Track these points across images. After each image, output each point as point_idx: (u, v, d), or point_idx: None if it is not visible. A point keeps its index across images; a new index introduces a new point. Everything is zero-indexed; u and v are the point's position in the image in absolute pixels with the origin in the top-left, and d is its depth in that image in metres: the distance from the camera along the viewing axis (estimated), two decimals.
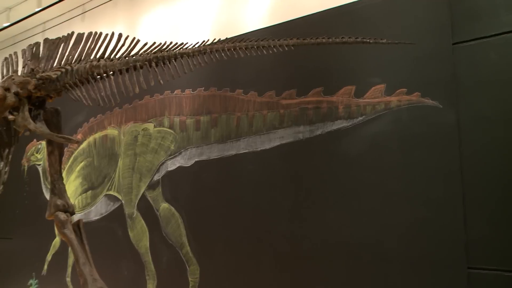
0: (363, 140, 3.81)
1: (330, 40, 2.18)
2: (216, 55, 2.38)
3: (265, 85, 4.49)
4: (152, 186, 5.38)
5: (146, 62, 2.50)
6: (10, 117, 2.89)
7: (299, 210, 4.11)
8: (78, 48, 2.81)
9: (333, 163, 3.95)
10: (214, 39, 2.50)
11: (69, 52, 2.86)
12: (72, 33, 2.92)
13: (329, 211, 3.92)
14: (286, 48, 2.30)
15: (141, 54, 2.55)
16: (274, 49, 2.32)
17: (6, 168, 3.65)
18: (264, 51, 2.33)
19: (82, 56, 2.78)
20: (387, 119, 3.71)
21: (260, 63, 4.54)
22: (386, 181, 3.64)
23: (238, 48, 2.33)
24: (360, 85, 3.89)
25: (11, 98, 2.86)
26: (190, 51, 2.43)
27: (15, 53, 3.41)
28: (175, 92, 5.29)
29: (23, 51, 3.16)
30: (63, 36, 2.96)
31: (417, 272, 3.42)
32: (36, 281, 7.00)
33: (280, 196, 4.26)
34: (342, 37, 2.15)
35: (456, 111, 3.39)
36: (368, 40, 2.11)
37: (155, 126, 5.47)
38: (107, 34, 2.74)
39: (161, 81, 2.50)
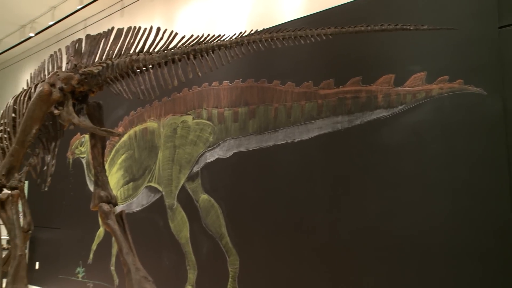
0: (403, 130, 3.73)
1: (369, 28, 2.14)
2: (254, 46, 2.38)
3: (303, 75, 4.46)
4: (191, 178, 5.46)
5: (184, 55, 2.52)
6: (56, 111, 2.98)
7: (338, 201, 4.07)
8: (118, 43, 2.87)
9: (372, 153, 3.89)
10: (251, 30, 2.49)
11: (109, 47, 2.92)
12: (112, 28, 2.98)
13: (368, 202, 3.87)
14: (324, 38, 2.27)
15: (179, 47, 2.57)
16: (312, 39, 2.29)
17: (53, 161, 3.78)
18: (302, 41, 2.30)
19: (122, 50, 2.83)
20: (428, 107, 3.62)
21: (297, 53, 4.51)
22: (427, 171, 3.56)
23: (275, 38, 2.32)
24: (399, 74, 3.81)
25: (56, 93, 2.95)
26: (227, 42, 2.43)
27: (59, 50, 3.52)
28: (213, 84, 5.33)
29: (67, 48, 3.25)
30: (103, 32, 3.02)
31: (461, 264, 3.33)
32: (83, 269, 7.24)
33: (318, 187, 4.23)
34: (381, 25, 2.10)
35: (502, 98, 3.27)
36: (409, 27, 2.05)
37: (193, 118, 5.53)
38: (145, 29, 2.78)
39: (199, 73, 2.52)
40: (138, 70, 2.71)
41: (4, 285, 2.91)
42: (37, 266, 8.83)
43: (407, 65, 3.76)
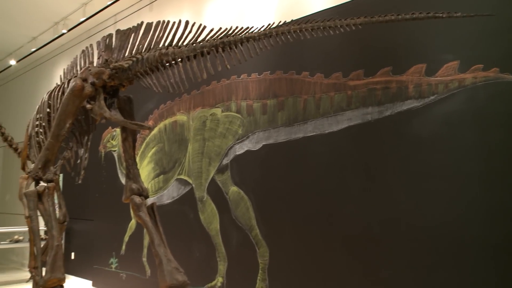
0: (435, 120, 3.66)
1: (400, 17, 2.09)
2: (282, 37, 2.36)
3: (332, 66, 4.42)
4: (221, 170, 5.49)
5: (213, 48, 2.53)
6: (88, 106, 3.04)
7: (368, 193, 4.03)
8: (148, 37, 2.90)
9: (403, 145, 3.83)
10: (280, 22, 2.48)
11: (139, 42, 2.95)
12: (141, 23, 3.01)
13: (399, 193, 3.82)
14: (353, 28, 2.23)
15: (208, 40, 2.57)
16: (341, 29, 2.26)
17: (86, 155, 3.86)
18: (331, 31, 2.28)
19: (151, 44, 2.86)
20: (462, 97, 3.53)
21: (326, 44, 4.47)
22: (460, 163, 3.49)
23: (304, 29, 2.30)
24: (431, 63, 3.72)
25: (88, 88, 3.01)
26: (256, 35, 2.42)
27: (91, 45, 3.58)
28: (241, 77, 5.33)
29: (98, 43, 3.30)
30: (133, 26, 3.05)
31: (496, 256, 3.26)
32: (116, 259, 7.40)
33: (348, 179, 4.20)
34: (412, 13, 2.05)
35: None
36: (441, 15, 2.00)
37: (222, 111, 5.55)
38: (174, 22, 2.80)
39: (228, 66, 2.52)
40: (167, 64, 2.73)
41: (43, 273, 3.00)
42: (72, 256, 9.08)
43: (439, 54, 3.68)
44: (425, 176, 3.67)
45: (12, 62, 11.20)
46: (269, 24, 2.45)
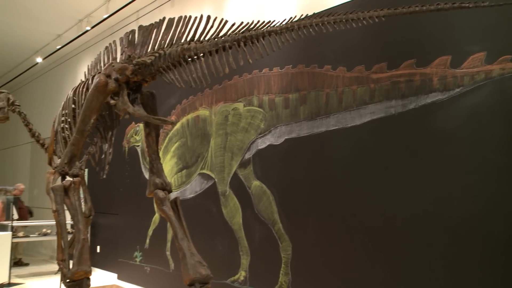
0: (461, 113, 3.59)
1: (424, 8, 2.05)
2: (304, 31, 2.34)
3: (354, 59, 4.37)
4: (243, 165, 5.51)
5: (235, 42, 2.52)
6: (112, 101, 3.07)
7: (392, 187, 3.99)
8: (170, 32, 2.90)
9: (427, 138, 3.77)
10: (302, 15, 2.46)
11: (161, 37, 2.96)
12: (163, 18, 3.02)
13: (423, 187, 3.77)
14: (377, 20, 2.20)
15: (230, 34, 2.57)
16: (364, 22, 2.22)
17: (110, 150, 3.91)
18: (353, 24, 2.24)
19: (173, 40, 2.87)
20: (488, 89, 3.45)
21: (348, 37, 4.42)
22: (487, 156, 3.41)
23: (326, 22, 2.27)
24: (456, 55, 3.65)
25: (112, 84, 3.04)
26: (277, 28, 2.41)
27: (114, 41, 3.61)
28: (263, 71, 5.33)
29: (121, 39, 3.33)
30: (155, 22, 3.07)
31: None
32: (140, 253, 7.51)
33: (371, 173, 4.16)
34: (437, 4, 2.01)
35: None
36: (467, 5, 1.95)
37: (244, 106, 5.55)
38: (196, 17, 2.80)
39: (250, 60, 2.52)
40: (189, 59, 2.74)
41: (71, 266, 3.06)
42: (98, 250, 9.24)
43: (464, 46, 3.60)
44: (450, 170, 3.61)
45: (39, 59, 11.42)
46: (291, 18, 2.43)
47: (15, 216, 9.01)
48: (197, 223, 5.92)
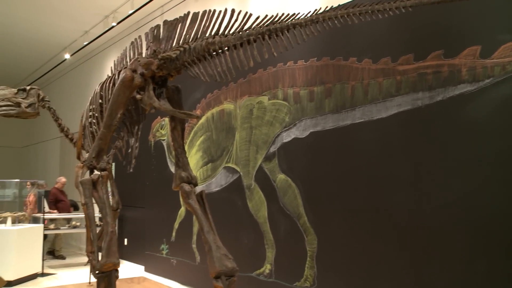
0: (491, 105, 3.50)
1: None
2: (329, 23, 2.31)
3: (380, 51, 4.31)
4: (268, 158, 5.51)
5: (259, 36, 2.52)
6: (138, 96, 3.11)
7: (419, 180, 3.93)
8: (194, 27, 2.92)
9: (455, 131, 3.70)
10: (326, 7, 2.43)
11: (186, 32, 2.98)
12: (188, 13, 3.03)
13: (452, 181, 3.70)
14: (403, 10, 2.16)
15: (254, 28, 2.56)
16: (390, 13, 2.19)
17: (137, 144, 3.97)
18: (379, 15, 2.21)
19: (198, 34, 2.88)
20: None
21: (374, 29, 4.36)
22: None
23: (351, 14, 2.24)
24: (486, 45, 3.55)
25: (138, 79, 3.07)
26: (302, 21, 2.39)
27: (139, 37, 3.65)
28: (288, 64, 5.30)
29: (146, 34, 3.36)
30: (179, 17, 3.08)
31: None
32: (167, 246, 7.60)
33: (398, 166, 4.11)
34: None
35: None
36: None
37: (269, 99, 5.55)
38: (220, 11, 2.80)
39: (274, 53, 2.51)
40: (214, 53, 2.74)
41: (100, 257, 3.12)
42: (125, 242, 9.40)
43: (495, 35, 3.50)
44: (479, 163, 3.53)
45: (67, 56, 11.64)
46: (316, 10, 2.41)
47: (46, 209, 9.23)
48: (222, 217, 5.95)
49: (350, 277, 4.43)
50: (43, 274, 8.33)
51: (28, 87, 4.86)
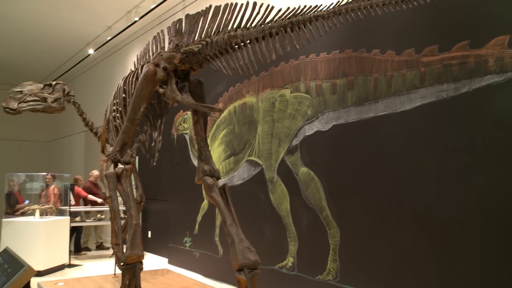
0: None
1: None
2: (352, 14, 2.28)
3: (404, 42, 4.25)
4: (290, 151, 5.49)
5: (281, 28, 2.50)
6: (161, 90, 3.12)
7: (444, 174, 3.87)
8: (216, 20, 2.91)
9: (482, 123, 3.62)
10: None
11: (208, 25, 2.98)
12: (210, 6, 3.03)
13: (477, 174, 3.63)
14: (428, 0, 2.12)
15: (276, 20, 2.55)
16: (414, 3, 2.15)
17: (160, 137, 4.00)
18: (403, 5, 2.17)
19: (220, 27, 2.88)
20: None
21: (397, 20, 4.29)
22: None
23: (374, 5, 2.20)
24: None
25: (160, 73, 3.09)
26: (324, 13, 2.36)
27: (162, 31, 3.66)
28: (310, 57, 5.27)
29: (168, 29, 3.37)
30: (201, 10, 3.08)
31: None
32: (190, 239, 7.67)
33: (422, 159, 4.05)
34: None
35: None
36: None
37: (291, 92, 5.52)
38: (242, 4, 2.79)
39: (297, 46, 2.49)
40: (236, 46, 2.74)
41: (124, 250, 3.16)
42: (149, 235, 9.52)
43: None
44: (506, 156, 3.45)
45: (91, 51, 11.79)
46: (338, 1, 2.38)
47: (72, 201, 9.41)
48: (245, 210, 5.97)
49: (373, 271, 4.41)
50: (70, 265, 8.51)
51: (53, 82, 4.93)
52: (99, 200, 9.81)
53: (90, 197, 9.90)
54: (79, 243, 10.12)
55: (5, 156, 16.94)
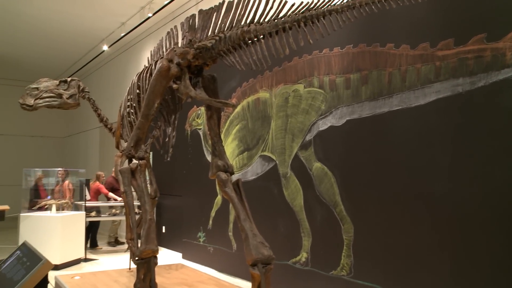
0: None
1: None
2: (366, 8, 2.26)
3: (418, 36, 4.20)
4: (304, 146, 5.48)
5: (295, 23, 2.48)
6: (174, 86, 3.14)
7: (460, 168, 3.83)
8: (229, 15, 2.91)
9: (498, 117, 3.57)
10: None
11: (221, 20, 2.97)
12: (223, 2, 3.03)
13: (493, 169, 3.58)
14: None
15: (290, 15, 2.53)
16: None
17: (174, 133, 4.02)
18: None
19: (233, 23, 2.87)
20: None
21: (412, 13, 4.25)
22: None
23: None
24: None
25: (174, 69, 3.10)
26: (338, 7, 2.34)
27: (175, 26, 3.67)
28: (323, 51, 5.24)
29: (182, 24, 3.38)
30: (215, 6, 3.08)
31: None
32: (203, 234, 7.71)
33: (437, 154, 4.01)
34: None
35: None
36: None
37: (305, 87, 5.51)
38: None
39: (310, 40, 2.47)
40: (249, 41, 2.73)
41: (139, 245, 3.19)
42: (163, 230, 9.59)
43: None
44: None
45: (105, 47, 11.88)
46: None
47: (88, 197, 9.51)
48: (258, 205, 5.98)
49: (387, 266, 4.39)
50: (86, 259, 8.62)
51: (69, 79, 4.98)
52: (119, 199, 9.90)
53: (111, 195, 9.97)
54: (95, 238, 10.23)
55: (22, 152, 17.20)
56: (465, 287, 3.73)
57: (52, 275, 3.94)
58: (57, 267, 7.52)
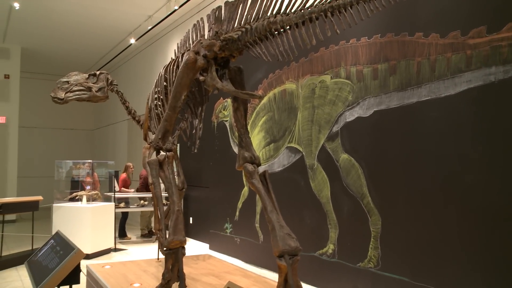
0: None
1: None
2: None
3: (448, 24, 4.10)
4: (331, 138, 5.45)
5: (322, 13, 2.46)
6: (201, 78, 3.16)
7: (492, 160, 3.74)
8: (255, 6, 2.90)
9: None
10: None
11: (247, 12, 2.96)
12: None
13: None
14: None
15: (316, 5, 2.50)
16: None
17: (201, 125, 4.05)
18: None
19: (259, 14, 2.86)
20: None
21: (442, 1, 4.15)
22: None
23: None
24: None
25: (200, 61, 3.11)
26: None
27: (201, 19, 3.68)
28: (350, 42, 5.18)
29: (208, 16, 3.38)
30: None
31: None
32: (230, 225, 7.76)
33: (468, 146, 3.92)
34: None
35: None
36: None
37: (331, 78, 5.46)
38: None
39: (337, 31, 2.44)
40: (276, 32, 2.71)
41: (167, 235, 3.24)
42: (190, 221, 9.69)
43: None
44: None
45: (132, 41, 12.01)
46: None
47: (117, 188, 9.69)
48: (285, 196, 5.98)
49: (414, 259, 4.33)
50: (115, 249, 8.80)
51: (98, 72, 5.06)
52: (130, 192, 10.06)
53: (123, 189, 10.12)
54: (124, 229, 10.41)
55: (54, 144, 17.63)
56: (494, 283, 3.66)
57: (83, 264, 4.03)
58: (88, 257, 7.70)
